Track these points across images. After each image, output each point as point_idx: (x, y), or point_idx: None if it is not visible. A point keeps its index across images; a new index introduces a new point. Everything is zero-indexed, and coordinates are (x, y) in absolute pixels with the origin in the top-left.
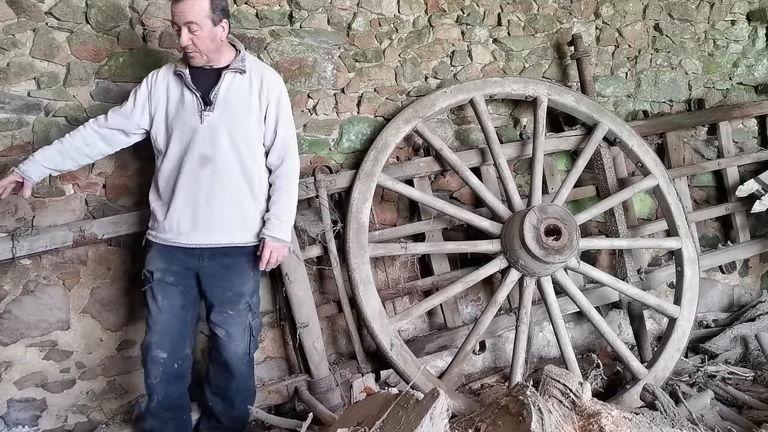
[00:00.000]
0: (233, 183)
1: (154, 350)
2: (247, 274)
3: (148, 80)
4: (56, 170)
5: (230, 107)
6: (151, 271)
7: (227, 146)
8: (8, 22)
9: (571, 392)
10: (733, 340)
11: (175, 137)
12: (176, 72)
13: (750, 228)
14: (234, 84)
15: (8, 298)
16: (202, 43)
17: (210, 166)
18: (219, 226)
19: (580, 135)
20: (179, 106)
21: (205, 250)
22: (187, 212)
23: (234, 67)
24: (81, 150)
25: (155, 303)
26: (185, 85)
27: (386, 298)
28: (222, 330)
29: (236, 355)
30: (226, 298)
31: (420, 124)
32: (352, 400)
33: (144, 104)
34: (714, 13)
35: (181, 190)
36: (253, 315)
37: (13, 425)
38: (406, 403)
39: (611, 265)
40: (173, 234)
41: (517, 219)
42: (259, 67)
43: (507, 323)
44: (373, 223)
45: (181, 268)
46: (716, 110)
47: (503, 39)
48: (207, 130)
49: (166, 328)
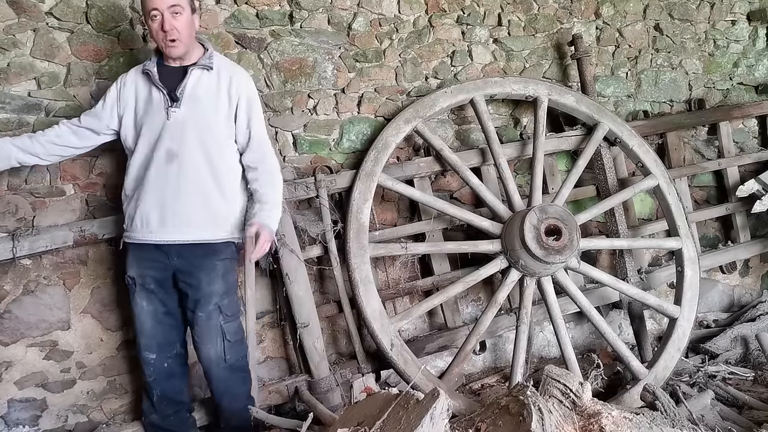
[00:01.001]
0: (200, 179)
1: (143, 352)
2: (215, 272)
3: (117, 82)
4: (23, 151)
5: (197, 103)
6: (133, 277)
7: (194, 142)
8: (9, 22)
9: (571, 392)
10: (733, 341)
11: (144, 135)
12: (144, 71)
13: (750, 228)
14: (201, 81)
15: (9, 298)
16: (184, 29)
17: (176, 162)
18: (186, 222)
19: (581, 135)
20: (147, 105)
21: (173, 247)
22: (156, 209)
23: (201, 63)
24: (51, 140)
25: (139, 308)
26: (153, 83)
27: (386, 298)
28: (195, 333)
29: (209, 359)
30: (195, 298)
31: (420, 124)
32: (353, 400)
33: (113, 105)
34: (714, 13)
35: (149, 186)
36: (225, 318)
37: (14, 425)
38: (407, 403)
39: (611, 265)
40: (143, 231)
41: (518, 219)
42: (228, 65)
43: (507, 323)
44: (374, 223)
45: (158, 273)
46: (716, 110)
47: (503, 39)
48: (173, 126)
49: (151, 332)
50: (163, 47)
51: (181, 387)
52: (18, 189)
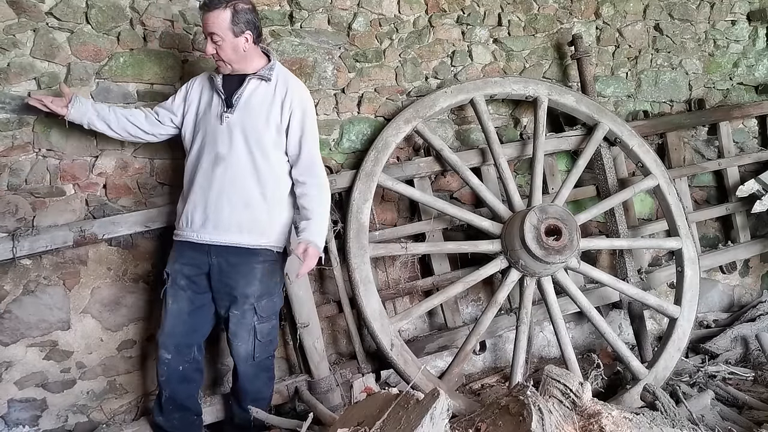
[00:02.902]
0: (244, 184)
1: (161, 349)
2: (253, 275)
3: (188, 82)
4: (98, 115)
5: (250, 112)
6: (168, 272)
7: (241, 148)
8: (9, 22)
9: (571, 392)
10: (733, 341)
11: (199, 136)
12: (210, 76)
13: (750, 228)
14: (258, 90)
15: (9, 298)
16: (224, 53)
17: (222, 165)
18: (227, 225)
19: (581, 135)
20: (207, 108)
21: (212, 247)
22: (200, 209)
23: (260, 74)
24: (125, 114)
25: (166, 305)
26: (215, 89)
27: (386, 298)
28: (228, 329)
29: (239, 355)
30: (231, 296)
31: (420, 124)
32: (353, 400)
33: (180, 103)
34: (714, 13)
35: (197, 187)
36: (260, 318)
37: (14, 425)
38: (407, 403)
39: (611, 265)
40: (187, 230)
41: (518, 219)
42: (287, 77)
43: (507, 323)
44: (374, 223)
45: (193, 271)
46: (717, 110)
47: (504, 39)
48: (225, 131)
49: (171, 331)
50: None
51: (191, 393)
52: (18, 189)
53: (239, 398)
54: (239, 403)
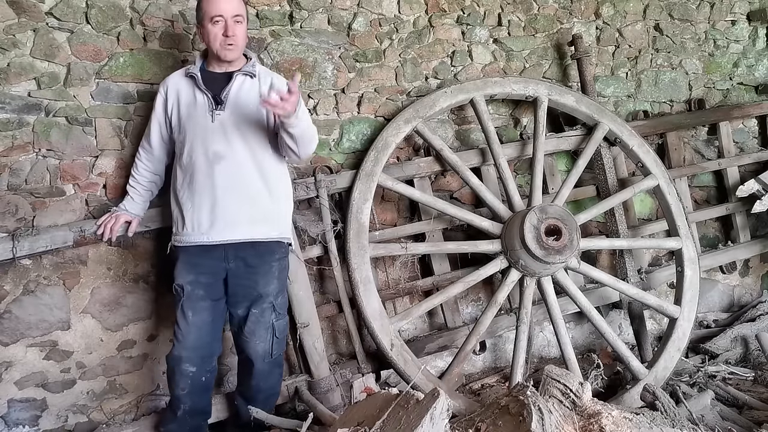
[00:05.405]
0: (247, 179)
1: (184, 364)
2: (272, 274)
3: (160, 92)
4: (143, 206)
5: (241, 107)
6: (181, 285)
7: (240, 144)
8: (9, 22)
9: (571, 392)
10: (733, 341)
11: (188, 138)
12: (188, 74)
13: (750, 228)
14: (244, 86)
15: (8, 298)
16: (242, 36)
17: (223, 163)
18: (237, 221)
19: (581, 135)
20: (191, 108)
21: (229, 248)
22: (205, 209)
23: (245, 70)
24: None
25: (185, 319)
26: (197, 86)
27: (386, 298)
28: (245, 327)
29: (257, 353)
30: (250, 296)
31: (420, 124)
32: (353, 400)
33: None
34: (714, 13)
35: (197, 188)
36: (277, 315)
37: (14, 425)
38: (407, 403)
39: (611, 265)
40: (196, 234)
41: (518, 219)
42: (268, 74)
43: (507, 323)
44: (374, 223)
45: (210, 279)
46: (717, 110)
47: (504, 39)
48: (219, 129)
49: (196, 344)
50: (219, 50)
51: (210, 399)
52: (18, 189)
53: (250, 397)
54: (248, 401)
